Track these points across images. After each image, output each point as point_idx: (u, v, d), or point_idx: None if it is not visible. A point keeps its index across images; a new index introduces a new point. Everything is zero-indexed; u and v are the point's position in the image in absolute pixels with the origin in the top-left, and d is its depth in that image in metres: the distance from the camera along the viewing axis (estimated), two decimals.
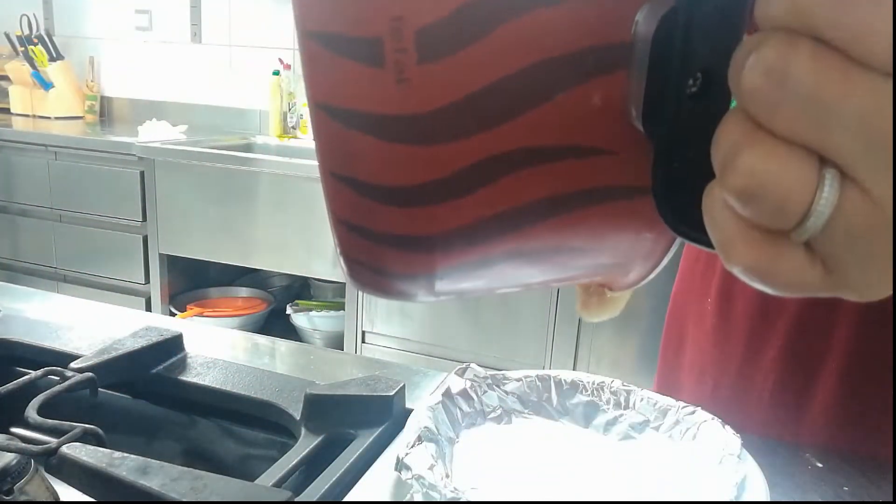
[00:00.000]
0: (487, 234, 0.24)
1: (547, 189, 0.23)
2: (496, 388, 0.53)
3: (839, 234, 0.18)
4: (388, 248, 0.25)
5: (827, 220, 0.18)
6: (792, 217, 0.18)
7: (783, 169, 0.18)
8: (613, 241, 0.26)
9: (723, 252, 0.20)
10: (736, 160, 0.19)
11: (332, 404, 0.50)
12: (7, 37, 2.87)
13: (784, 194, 0.18)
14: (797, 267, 0.19)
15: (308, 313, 2.31)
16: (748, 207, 0.19)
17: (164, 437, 0.59)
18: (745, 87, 0.18)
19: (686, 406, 0.50)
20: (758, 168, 0.18)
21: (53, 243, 2.47)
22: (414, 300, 0.29)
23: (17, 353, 0.60)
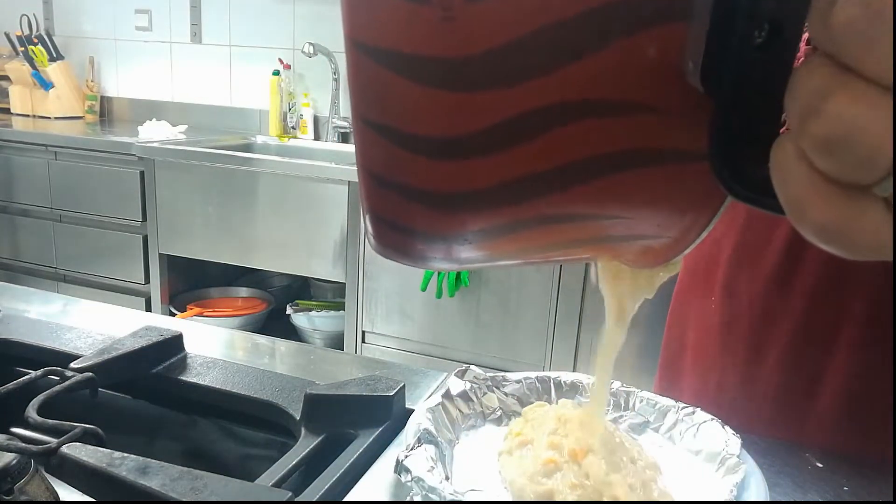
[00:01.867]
0: (523, 196, 0.23)
1: (590, 148, 0.22)
2: (496, 389, 0.52)
3: None
4: (418, 204, 0.23)
5: None
6: (880, 168, 0.17)
7: (876, 114, 0.17)
8: (651, 211, 0.24)
9: (795, 211, 0.19)
10: (822, 105, 0.17)
11: (332, 404, 0.50)
12: (7, 37, 2.87)
13: (875, 142, 0.17)
14: (876, 225, 0.18)
15: (308, 313, 2.31)
16: (832, 157, 0.17)
17: (164, 437, 0.59)
18: (839, 20, 0.17)
19: (686, 407, 0.50)
20: (847, 113, 0.17)
21: (53, 243, 2.47)
22: (434, 265, 0.27)
23: (17, 353, 0.60)
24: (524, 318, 1.89)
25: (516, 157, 0.22)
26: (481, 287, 1.90)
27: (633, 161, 0.22)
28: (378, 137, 0.22)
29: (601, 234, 0.25)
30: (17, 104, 2.89)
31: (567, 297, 1.83)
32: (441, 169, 0.22)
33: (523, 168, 0.22)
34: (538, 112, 0.21)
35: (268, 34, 2.66)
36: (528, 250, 0.27)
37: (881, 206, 0.18)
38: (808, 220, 0.19)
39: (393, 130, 0.22)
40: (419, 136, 0.22)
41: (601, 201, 0.23)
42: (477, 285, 1.90)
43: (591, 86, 0.21)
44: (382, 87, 0.22)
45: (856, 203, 0.18)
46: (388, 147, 0.22)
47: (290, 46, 2.62)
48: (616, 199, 0.23)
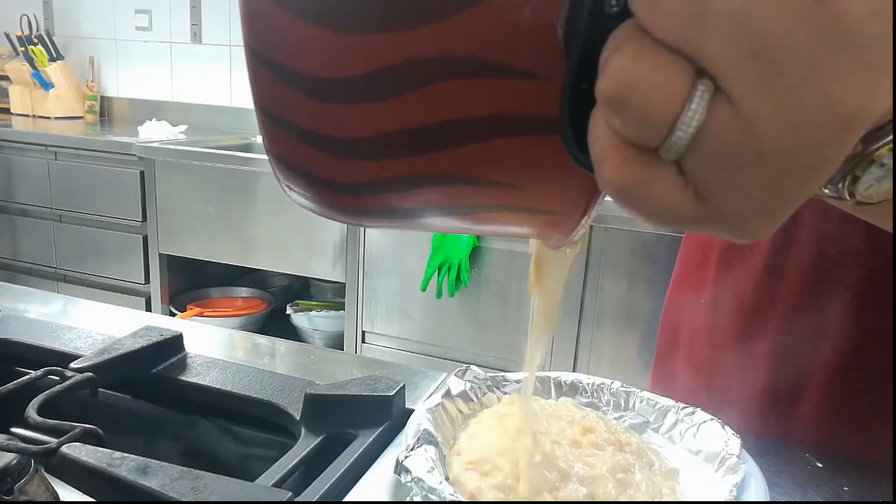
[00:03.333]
0: (404, 150, 0.23)
1: (468, 108, 0.22)
2: (496, 389, 0.53)
3: (707, 153, 0.17)
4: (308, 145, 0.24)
5: (694, 134, 0.17)
6: (659, 127, 0.17)
7: (652, 71, 0.17)
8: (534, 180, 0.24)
9: (598, 171, 0.19)
10: (609, 60, 0.18)
11: (332, 404, 0.50)
12: (7, 37, 2.87)
13: (650, 98, 0.17)
14: (668, 191, 0.18)
15: (308, 313, 2.31)
16: (616, 113, 0.18)
17: (164, 437, 0.59)
18: None
19: (686, 407, 0.50)
20: (627, 68, 0.17)
21: (53, 243, 2.47)
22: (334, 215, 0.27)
23: (17, 353, 0.60)
24: (524, 318, 1.89)
25: (396, 107, 0.22)
26: (481, 287, 1.91)
27: (511, 126, 0.22)
28: (268, 72, 0.23)
29: (492, 202, 0.25)
30: (17, 104, 2.89)
31: (567, 297, 1.83)
32: (326, 111, 0.23)
33: (402, 121, 0.22)
34: (418, 62, 0.21)
35: None
36: (425, 210, 0.27)
37: (673, 172, 0.18)
38: (605, 180, 0.19)
39: (281, 66, 0.23)
40: (305, 74, 0.22)
41: (481, 165, 0.24)
42: (477, 285, 1.91)
43: (470, 42, 0.21)
44: (271, 20, 0.22)
45: (648, 165, 0.18)
46: (278, 83, 0.23)
47: None
48: (497, 165, 0.23)
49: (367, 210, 0.27)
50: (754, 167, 0.17)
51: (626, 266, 1.71)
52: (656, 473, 0.44)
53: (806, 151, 0.17)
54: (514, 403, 0.49)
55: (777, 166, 0.17)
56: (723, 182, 0.18)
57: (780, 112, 0.16)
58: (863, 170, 0.21)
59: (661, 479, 0.43)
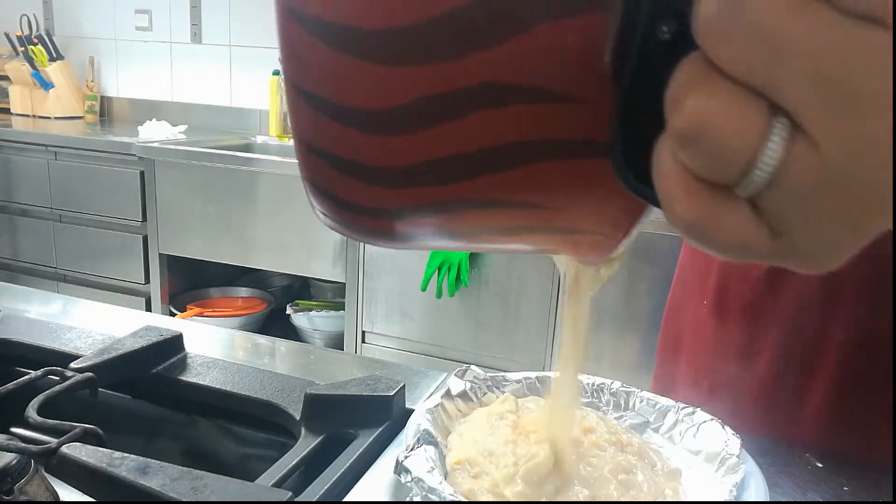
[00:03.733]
0: (447, 177, 0.23)
1: (513, 134, 0.22)
2: (496, 389, 0.53)
3: (785, 191, 0.17)
4: (346, 174, 0.24)
5: (773, 173, 0.17)
6: (735, 165, 0.17)
7: (729, 110, 0.17)
8: (576, 203, 0.24)
9: (666, 206, 0.19)
10: (683, 99, 0.17)
11: (332, 404, 0.50)
12: (7, 37, 2.87)
13: (728, 137, 0.17)
14: (741, 226, 0.18)
15: (308, 313, 2.31)
16: (690, 152, 0.18)
17: (164, 437, 0.59)
18: (701, 16, 0.17)
19: (686, 407, 0.50)
20: (702, 107, 0.17)
21: (53, 243, 2.47)
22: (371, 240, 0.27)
23: (17, 353, 0.60)
24: (524, 318, 1.89)
25: (439, 136, 0.22)
26: (481, 287, 1.90)
27: (556, 151, 0.22)
28: (307, 105, 0.23)
29: (530, 224, 0.25)
30: (17, 104, 2.89)
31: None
32: (366, 142, 0.23)
33: (446, 148, 0.22)
34: (462, 91, 0.21)
35: (268, 34, 2.66)
36: (461, 234, 0.27)
37: (747, 208, 0.18)
38: (675, 216, 0.19)
39: (321, 99, 0.22)
40: (345, 106, 0.22)
41: (525, 189, 0.23)
42: (477, 285, 1.90)
43: (515, 68, 0.21)
44: (311, 55, 0.22)
45: (721, 201, 0.18)
46: (317, 116, 0.23)
47: None
48: (540, 189, 0.23)
49: (407, 235, 0.27)
50: (832, 203, 0.17)
51: (626, 266, 1.71)
52: (658, 474, 0.44)
53: (884, 187, 0.17)
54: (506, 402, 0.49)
55: (855, 202, 0.17)
56: (799, 218, 0.18)
57: (859, 148, 0.16)
58: None
59: (663, 480, 0.43)
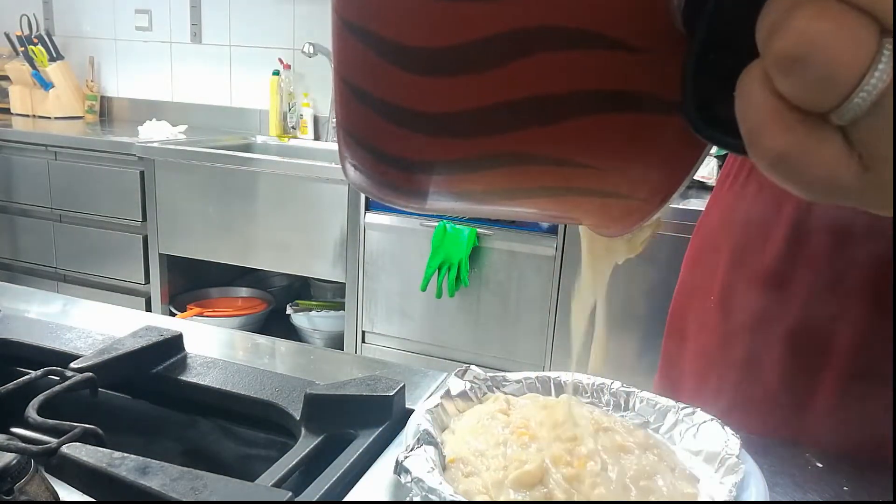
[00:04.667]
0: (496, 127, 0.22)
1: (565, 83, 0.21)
2: (496, 389, 0.52)
3: (884, 118, 0.16)
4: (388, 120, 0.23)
5: (877, 98, 0.16)
6: (840, 88, 0.16)
7: (840, 29, 0.16)
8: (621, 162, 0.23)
9: (753, 139, 0.18)
10: (787, 20, 0.17)
11: (332, 404, 0.50)
12: (7, 37, 2.87)
13: (835, 57, 0.16)
14: (833, 158, 0.17)
15: (308, 313, 2.31)
16: (793, 76, 0.17)
17: (164, 437, 0.59)
18: None
19: (686, 407, 0.50)
20: (811, 27, 0.16)
21: (53, 243, 2.46)
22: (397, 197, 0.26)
23: (17, 353, 0.60)
24: (524, 318, 1.89)
25: (492, 80, 0.21)
26: (481, 287, 1.90)
27: (613, 104, 0.22)
28: (356, 40, 0.22)
29: (569, 183, 0.25)
30: (17, 104, 2.89)
31: (567, 297, 1.82)
32: (416, 84, 0.22)
33: (498, 94, 0.22)
34: (519, 32, 0.20)
35: (268, 34, 2.66)
36: (494, 193, 0.26)
37: (839, 138, 0.17)
38: (764, 148, 0.18)
39: (372, 34, 0.22)
40: (398, 43, 0.21)
41: (573, 144, 0.23)
42: (477, 285, 1.90)
43: (577, 12, 0.20)
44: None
45: (814, 131, 0.17)
46: (366, 52, 0.22)
47: (290, 46, 2.62)
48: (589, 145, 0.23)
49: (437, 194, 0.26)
50: None
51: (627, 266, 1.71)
52: (679, 479, 0.43)
53: None
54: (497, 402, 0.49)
55: None
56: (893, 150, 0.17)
57: None
58: None
59: (685, 483, 0.43)
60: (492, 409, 0.48)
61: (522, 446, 0.43)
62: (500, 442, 0.44)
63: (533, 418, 0.46)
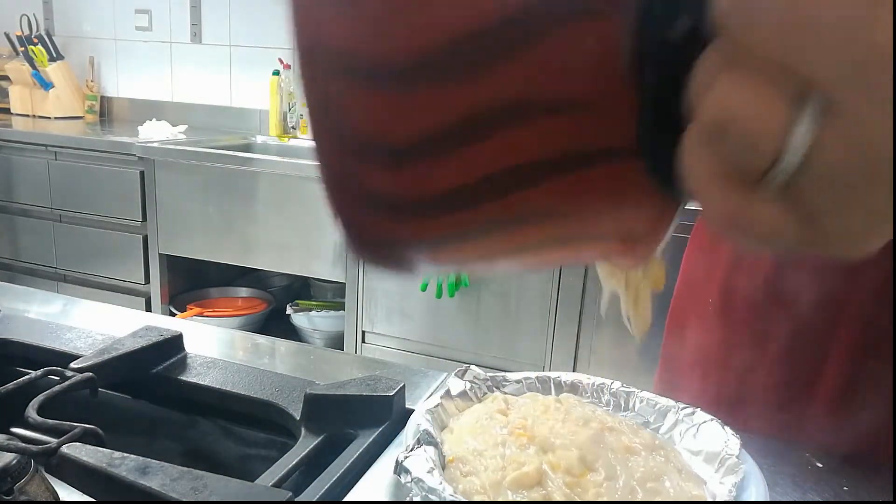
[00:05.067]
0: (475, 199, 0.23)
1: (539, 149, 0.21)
2: (496, 389, 0.52)
3: (816, 175, 0.17)
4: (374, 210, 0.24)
5: (804, 156, 0.17)
6: (766, 154, 0.17)
7: (755, 97, 0.17)
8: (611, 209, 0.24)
9: (698, 200, 0.19)
10: (707, 93, 0.17)
11: (332, 404, 0.50)
12: (7, 37, 2.87)
13: (754, 127, 0.17)
14: (773, 218, 0.18)
15: (308, 313, 2.31)
16: (719, 145, 0.17)
17: (164, 437, 0.59)
18: (724, 4, 0.17)
19: (686, 407, 0.50)
20: (727, 97, 0.17)
21: (53, 243, 2.46)
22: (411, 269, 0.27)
23: (17, 353, 0.60)
24: (524, 318, 1.89)
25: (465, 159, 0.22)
26: (481, 287, 1.90)
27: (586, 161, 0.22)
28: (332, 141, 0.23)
29: (568, 234, 0.25)
30: (17, 104, 2.88)
31: (567, 297, 1.82)
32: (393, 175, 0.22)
33: (474, 171, 0.22)
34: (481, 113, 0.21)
35: (268, 34, 2.66)
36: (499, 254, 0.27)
37: (776, 196, 0.18)
38: (708, 210, 0.19)
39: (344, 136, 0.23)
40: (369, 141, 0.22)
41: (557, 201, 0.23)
42: (477, 285, 1.90)
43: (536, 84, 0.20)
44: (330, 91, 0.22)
45: (753, 193, 0.18)
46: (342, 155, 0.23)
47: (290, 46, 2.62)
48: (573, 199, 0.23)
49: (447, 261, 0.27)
50: (865, 184, 0.17)
51: None
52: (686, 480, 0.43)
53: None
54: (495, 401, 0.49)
55: (889, 187, 0.16)
56: (831, 203, 0.17)
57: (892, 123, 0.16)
58: None
59: (692, 485, 0.43)
60: (490, 408, 0.48)
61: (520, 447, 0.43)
62: (498, 442, 0.44)
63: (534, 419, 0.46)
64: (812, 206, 0.18)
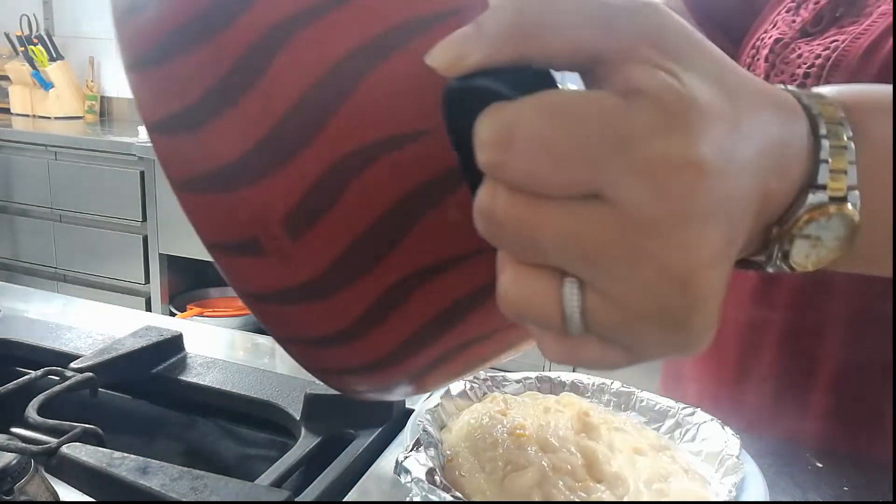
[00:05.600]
0: (418, 348, 0.26)
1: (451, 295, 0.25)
2: (496, 389, 0.52)
3: (602, 328, 0.20)
4: (344, 375, 0.28)
5: (582, 320, 0.20)
6: (554, 323, 0.20)
7: (526, 289, 0.20)
8: None
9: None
10: (497, 287, 0.21)
11: (332, 404, 0.50)
12: (7, 37, 2.87)
13: (534, 310, 0.20)
14: (596, 354, 0.21)
15: None
16: (522, 322, 0.21)
17: (164, 437, 0.59)
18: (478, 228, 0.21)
19: (686, 407, 0.50)
20: (508, 293, 0.21)
21: (53, 243, 2.47)
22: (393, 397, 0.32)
23: (17, 353, 0.60)
24: None
25: (397, 322, 0.25)
26: None
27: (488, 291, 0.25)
28: (293, 347, 0.28)
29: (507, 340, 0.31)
30: (17, 104, 2.89)
31: None
32: (347, 352, 0.27)
33: (403, 331, 0.26)
34: (388, 291, 0.24)
35: None
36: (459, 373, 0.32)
37: (593, 339, 0.21)
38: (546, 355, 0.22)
39: (287, 340, 0.28)
40: (315, 337, 0.27)
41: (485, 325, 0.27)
42: None
43: (424, 253, 0.24)
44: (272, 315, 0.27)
45: (572, 341, 0.21)
46: (296, 347, 0.28)
47: None
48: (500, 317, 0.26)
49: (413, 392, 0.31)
50: (641, 331, 0.20)
51: None
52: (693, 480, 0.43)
53: (670, 312, 0.19)
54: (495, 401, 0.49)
55: (656, 328, 0.20)
56: (630, 342, 0.21)
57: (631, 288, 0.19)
58: (790, 245, 0.23)
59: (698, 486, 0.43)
60: (490, 408, 0.48)
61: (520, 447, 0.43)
62: (498, 442, 0.44)
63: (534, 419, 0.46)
64: (621, 343, 0.21)
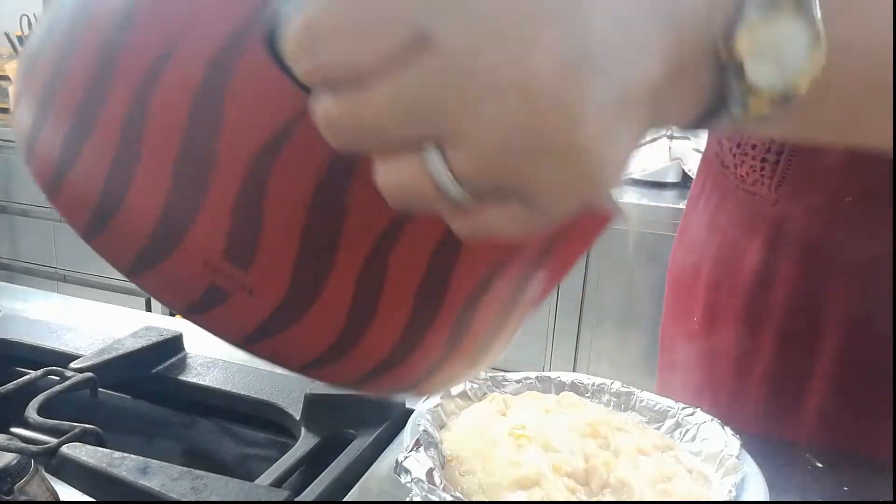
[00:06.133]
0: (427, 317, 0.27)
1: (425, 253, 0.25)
2: (495, 389, 0.52)
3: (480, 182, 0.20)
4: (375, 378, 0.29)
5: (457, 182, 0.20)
6: (435, 196, 0.20)
7: (395, 176, 0.20)
8: None
9: None
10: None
11: (332, 404, 0.50)
12: (7, 37, 2.87)
13: (412, 192, 0.20)
14: (499, 215, 0.21)
15: None
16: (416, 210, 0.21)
17: (164, 437, 0.59)
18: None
19: (686, 407, 0.50)
20: (385, 188, 0.21)
21: (53, 243, 2.47)
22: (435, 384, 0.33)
23: (17, 353, 0.60)
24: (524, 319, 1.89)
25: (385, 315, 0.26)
26: None
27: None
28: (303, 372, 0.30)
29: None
30: None
31: (567, 297, 1.82)
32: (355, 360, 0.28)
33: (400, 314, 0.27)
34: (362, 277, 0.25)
35: None
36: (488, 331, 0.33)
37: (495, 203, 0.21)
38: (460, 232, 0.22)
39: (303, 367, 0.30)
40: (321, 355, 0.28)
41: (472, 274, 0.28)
42: None
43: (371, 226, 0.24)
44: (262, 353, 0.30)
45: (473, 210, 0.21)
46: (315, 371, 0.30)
47: None
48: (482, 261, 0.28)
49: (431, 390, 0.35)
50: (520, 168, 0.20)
51: (626, 266, 1.71)
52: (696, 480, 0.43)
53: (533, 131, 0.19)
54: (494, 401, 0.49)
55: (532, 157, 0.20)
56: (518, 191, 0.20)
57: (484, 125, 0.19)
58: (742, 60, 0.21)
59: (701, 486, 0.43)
60: (490, 408, 0.48)
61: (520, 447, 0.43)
62: (498, 442, 0.44)
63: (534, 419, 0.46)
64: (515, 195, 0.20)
